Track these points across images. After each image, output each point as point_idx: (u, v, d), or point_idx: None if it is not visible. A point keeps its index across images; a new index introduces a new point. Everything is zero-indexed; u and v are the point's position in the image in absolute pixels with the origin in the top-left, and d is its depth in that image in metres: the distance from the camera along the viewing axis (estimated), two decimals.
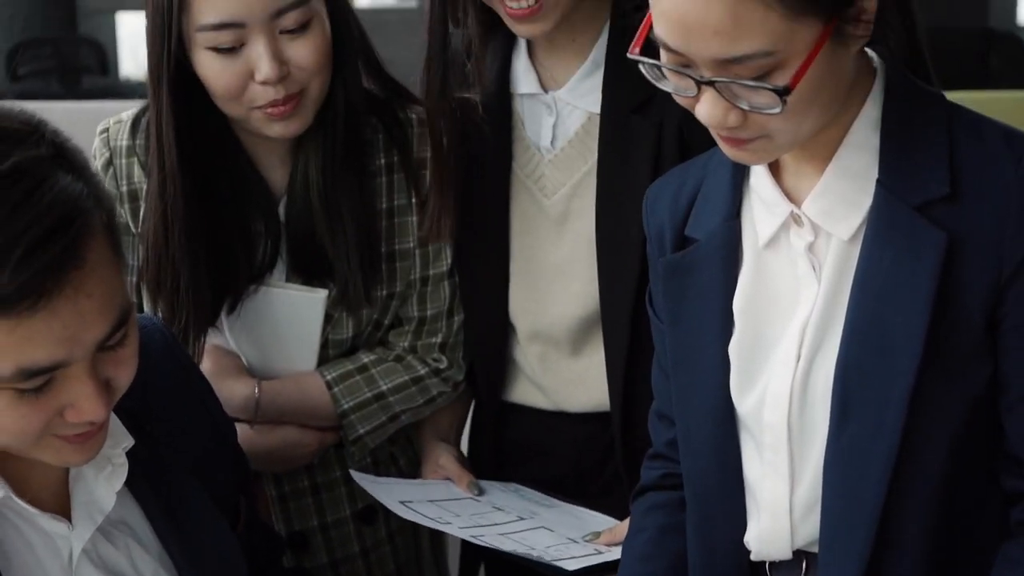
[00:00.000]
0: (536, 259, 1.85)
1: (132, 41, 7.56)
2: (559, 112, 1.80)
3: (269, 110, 1.67)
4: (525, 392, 1.91)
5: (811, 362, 1.39)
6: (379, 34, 6.35)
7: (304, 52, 1.66)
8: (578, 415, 1.88)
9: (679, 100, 1.34)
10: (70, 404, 1.20)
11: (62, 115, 3.11)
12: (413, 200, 1.80)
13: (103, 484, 1.33)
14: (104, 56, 5.84)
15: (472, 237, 1.85)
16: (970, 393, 1.33)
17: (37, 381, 1.17)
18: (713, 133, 1.35)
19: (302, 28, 1.65)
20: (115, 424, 1.34)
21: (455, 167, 1.79)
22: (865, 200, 1.36)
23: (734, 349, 1.44)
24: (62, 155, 1.18)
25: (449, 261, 1.86)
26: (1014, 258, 1.30)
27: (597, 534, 1.74)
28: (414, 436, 1.97)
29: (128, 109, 1.85)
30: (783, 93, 1.26)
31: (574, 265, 1.82)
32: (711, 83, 1.28)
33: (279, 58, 1.64)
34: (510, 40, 1.82)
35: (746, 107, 1.28)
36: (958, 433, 1.33)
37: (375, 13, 6.63)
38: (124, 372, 1.25)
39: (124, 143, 1.79)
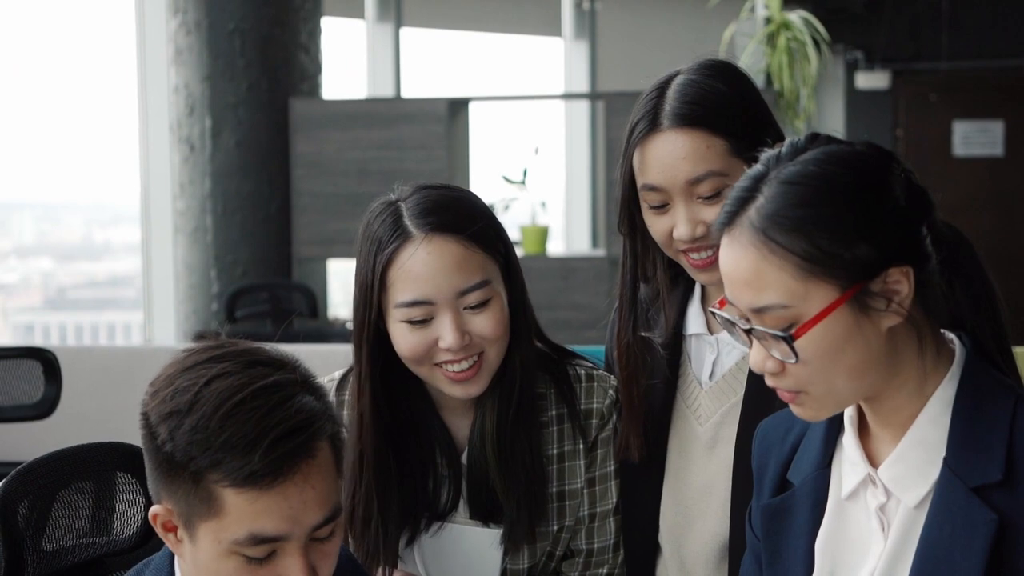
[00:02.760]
0: (687, 480, 2.00)
1: (340, 286, 8.04)
2: (720, 351, 1.99)
3: (452, 373, 1.87)
4: None
5: None
6: (571, 280, 6.66)
7: (484, 324, 1.86)
8: None
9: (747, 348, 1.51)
10: None
11: None
12: (580, 446, 1.98)
13: None
14: (314, 301, 6.19)
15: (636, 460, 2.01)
16: None
17: (262, 550, 1.46)
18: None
19: (483, 304, 1.86)
20: None
21: (641, 396, 1.98)
22: (933, 472, 1.45)
23: None
24: (308, 382, 1.52)
25: (615, 500, 2.00)
26: None
27: None
28: None
29: (333, 350, 2.11)
30: (788, 340, 1.40)
31: (717, 486, 1.96)
32: (750, 331, 1.45)
33: (462, 329, 1.84)
34: (687, 292, 2.03)
35: (777, 355, 1.43)
36: None
37: (567, 261, 6.94)
38: (327, 564, 1.52)
39: (333, 397, 1.98)
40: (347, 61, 8.62)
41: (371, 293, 1.87)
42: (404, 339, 1.87)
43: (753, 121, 1.90)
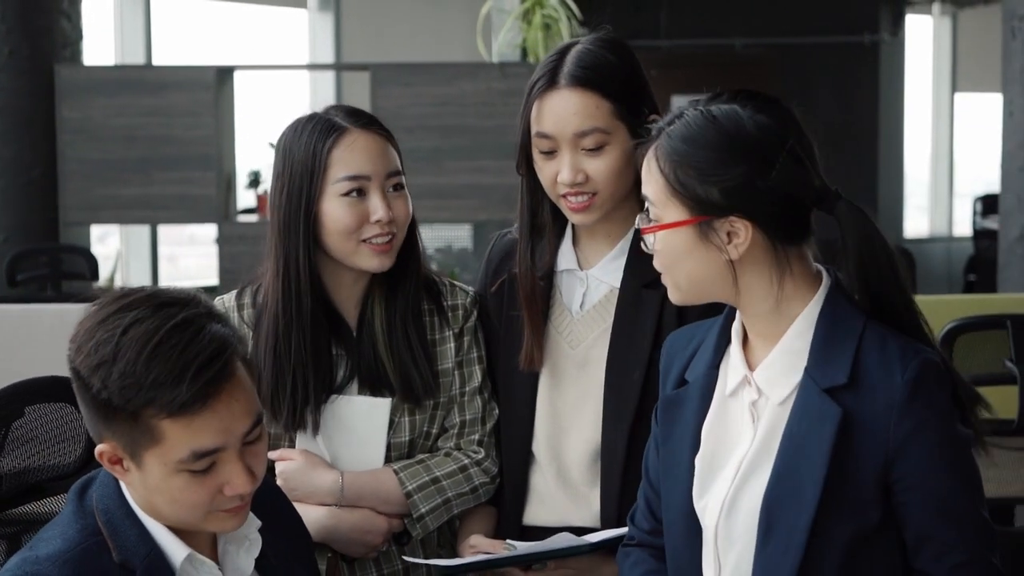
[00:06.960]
0: (560, 398, 2.29)
1: (104, 251, 8.00)
2: (589, 285, 2.30)
3: (375, 245, 2.23)
4: (537, 514, 2.31)
5: (740, 489, 1.81)
6: None
7: (401, 207, 2.26)
8: (582, 529, 2.23)
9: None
10: (227, 482, 1.69)
11: (53, 316, 3.53)
12: (448, 332, 2.35)
13: (244, 556, 1.82)
14: (95, 263, 6.19)
15: (512, 379, 2.33)
16: (859, 530, 1.75)
17: (204, 463, 1.66)
18: None
19: (400, 189, 2.27)
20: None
21: (539, 314, 2.30)
22: (796, 376, 1.80)
23: (698, 462, 1.87)
24: (212, 312, 1.71)
25: (479, 380, 2.34)
26: (897, 439, 1.74)
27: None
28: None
29: None
30: (640, 227, 1.83)
31: (588, 401, 2.26)
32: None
33: (389, 206, 2.23)
34: (561, 230, 2.36)
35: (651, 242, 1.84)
36: (844, 560, 1.75)
37: None
38: (259, 462, 1.74)
39: (233, 303, 2.35)
40: (99, 28, 8.59)
41: (314, 176, 2.22)
42: (340, 213, 2.23)
43: (636, 91, 2.25)
